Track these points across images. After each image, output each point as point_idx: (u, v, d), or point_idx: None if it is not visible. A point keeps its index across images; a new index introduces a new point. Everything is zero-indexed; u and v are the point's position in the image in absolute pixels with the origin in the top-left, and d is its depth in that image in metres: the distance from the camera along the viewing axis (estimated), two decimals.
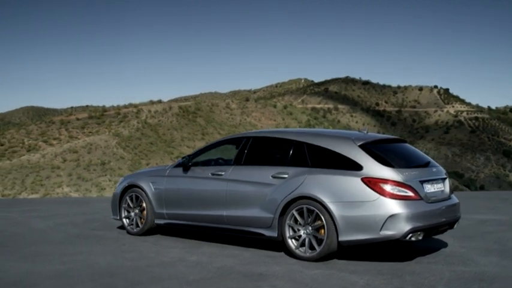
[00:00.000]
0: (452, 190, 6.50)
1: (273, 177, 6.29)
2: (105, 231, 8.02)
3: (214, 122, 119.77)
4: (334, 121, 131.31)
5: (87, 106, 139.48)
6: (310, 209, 5.93)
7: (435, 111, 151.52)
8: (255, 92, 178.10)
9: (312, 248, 5.93)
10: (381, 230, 5.58)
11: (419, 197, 5.74)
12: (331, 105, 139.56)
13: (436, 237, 7.36)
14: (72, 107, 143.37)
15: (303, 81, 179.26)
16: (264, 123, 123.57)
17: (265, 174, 6.38)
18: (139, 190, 7.56)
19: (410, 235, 5.59)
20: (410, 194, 5.68)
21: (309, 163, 6.16)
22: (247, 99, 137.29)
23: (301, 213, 6.02)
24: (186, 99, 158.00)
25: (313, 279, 5.16)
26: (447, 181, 6.37)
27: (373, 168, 5.76)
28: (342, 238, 5.73)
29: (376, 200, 5.61)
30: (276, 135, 6.76)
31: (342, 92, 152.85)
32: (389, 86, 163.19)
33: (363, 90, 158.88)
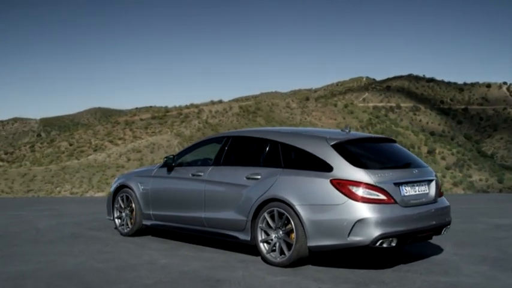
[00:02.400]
0: (440, 193, 6.02)
1: (247, 178, 6.05)
2: (100, 231, 8.02)
3: (274, 121, 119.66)
4: (396, 120, 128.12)
5: (150, 107, 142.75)
6: (280, 212, 5.65)
7: (504, 108, 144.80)
8: (315, 91, 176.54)
9: (282, 253, 5.65)
10: (348, 236, 5.22)
11: (392, 200, 5.33)
12: (393, 104, 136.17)
13: (435, 243, 6.92)
14: (136, 108, 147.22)
15: (364, 79, 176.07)
16: (325, 122, 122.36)
17: (240, 175, 6.15)
18: (130, 190, 7.50)
19: (380, 241, 5.20)
20: (382, 197, 5.29)
21: (282, 164, 5.88)
22: (307, 99, 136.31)
23: (272, 216, 5.74)
24: (246, 99, 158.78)
25: (270, 287, 4.90)
26: (433, 183, 5.90)
27: (344, 169, 5.41)
28: (310, 243, 5.42)
29: (344, 203, 5.26)
30: (253, 135, 6.51)
31: (404, 90, 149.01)
32: (455, 83, 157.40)
33: (427, 87, 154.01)
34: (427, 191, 5.79)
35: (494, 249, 6.58)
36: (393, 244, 5.29)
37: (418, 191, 5.68)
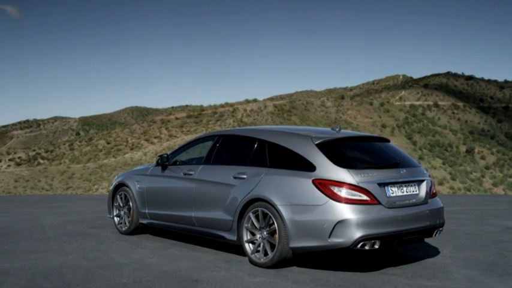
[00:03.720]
0: (432, 194, 5.80)
1: (234, 177, 5.98)
2: (100, 229, 8.07)
3: (309, 120, 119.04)
4: (434, 119, 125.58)
5: (186, 106, 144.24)
6: (264, 212, 5.55)
7: None
8: (351, 89, 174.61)
9: (266, 253, 5.55)
10: (329, 237, 5.08)
11: (376, 201, 5.16)
12: (430, 102, 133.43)
13: (434, 245, 6.73)
14: (172, 107, 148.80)
15: (401, 77, 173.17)
16: (360, 121, 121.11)
17: (227, 174, 6.08)
18: (128, 189, 7.52)
19: (361, 243, 5.04)
20: (364, 197, 5.13)
21: (268, 163, 5.78)
22: (342, 97, 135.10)
23: (257, 217, 5.65)
24: (281, 97, 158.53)
25: None
26: (424, 184, 5.70)
27: (327, 169, 5.27)
28: (292, 244, 5.30)
29: (325, 204, 5.12)
30: (242, 134, 6.42)
31: (443, 88, 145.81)
32: (495, 81, 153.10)
33: (466, 85, 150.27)
34: (417, 192, 5.60)
35: (494, 253, 6.33)
36: (376, 246, 5.13)
37: (407, 192, 5.49)
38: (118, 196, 7.70)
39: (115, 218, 7.75)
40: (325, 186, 5.16)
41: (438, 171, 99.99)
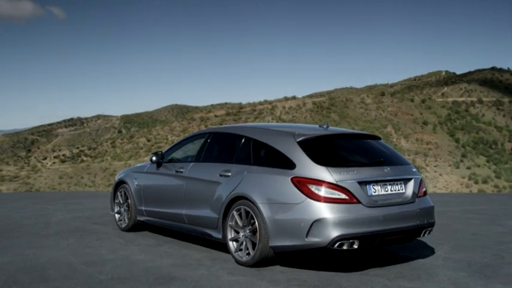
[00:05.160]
0: (419, 192, 5.59)
1: (220, 175, 5.94)
2: (103, 226, 8.15)
3: (348, 117, 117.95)
4: (478, 115, 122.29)
5: (225, 103, 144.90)
6: (247, 210, 5.50)
7: None
8: (391, 86, 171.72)
9: (249, 252, 5.50)
10: (307, 237, 4.98)
11: (355, 200, 5.03)
12: (474, 98, 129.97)
13: (431, 245, 6.54)
14: (211, 105, 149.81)
15: (443, 73, 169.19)
16: (401, 118, 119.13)
17: (214, 171, 6.04)
18: (127, 186, 7.59)
19: (339, 243, 4.92)
20: (343, 196, 5.00)
21: (252, 160, 5.73)
22: (383, 94, 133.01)
23: (240, 215, 5.60)
24: (320, 94, 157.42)
25: (217, 286, 4.77)
26: (411, 182, 5.52)
27: (306, 167, 5.17)
28: (272, 243, 5.22)
29: (302, 202, 5.02)
30: (230, 131, 6.37)
31: (487, 84, 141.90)
32: None
33: None
34: (403, 191, 5.43)
35: (492, 254, 6.10)
36: (355, 246, 5.00)
37: (391, 191, 5.33)
38: (118, 193, 7.78)
39: (116, 215, 7.83)
40: (303, 184, 5.06)
41: (482, 169, 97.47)
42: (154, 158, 7.02)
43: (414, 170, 5.70)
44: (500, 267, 5.47)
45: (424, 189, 5.69)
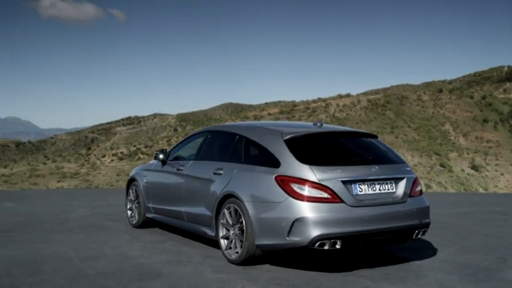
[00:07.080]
0: (412, 192, 5.41)
1: (213, 173, 5.97)
2: (117, 222, 8.33)
3: (404, 115, 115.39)
4: None
5: (279, 101, 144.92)
6: (235, 209, 5.51)
7: None
8: (450, 82, 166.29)
9: (237, 251, 5.50)
10: (288, 236, 4.94)
11: (338, 199, 4.94)
12: None
13: (436, 246, 6.36)
14: (265, 103, 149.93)
15: (505, 68, 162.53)
16: (459, 115, 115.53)
17: (209, 170, 6.08)
18: (137, 183, 7.74)
19: (319, 242, 4.84)
20: (325, 195, 4.92)
21: (242, 159, 5.73)
22: (440, 90, 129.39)
23: (230, 213, 5.61)
24: (376, 92, 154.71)
25: (194, 284, 4.79)
26: (403, 182, 5.36)
27: (290, 165, 5.11)
28: (257, 242, 5.20)
29: (284, 201, 4.98)
30: (226, 130, 6.38)
31: None
32: None
33: None
34: (393, 190, 5.29)
35: (496, 257, 5.85)
36: (337, 246, 4.91)
37: (380, 190, 5.20)
38: (130, 190, 7.94)
39: (128, 212, 8.00)
40: (286, 183, 5.02)
41: None
42: (160, 156, 7.12)
43: (408, 169, 5.54)
44: (497, 271, 5.24)
45: (418, 188, 5.52)
